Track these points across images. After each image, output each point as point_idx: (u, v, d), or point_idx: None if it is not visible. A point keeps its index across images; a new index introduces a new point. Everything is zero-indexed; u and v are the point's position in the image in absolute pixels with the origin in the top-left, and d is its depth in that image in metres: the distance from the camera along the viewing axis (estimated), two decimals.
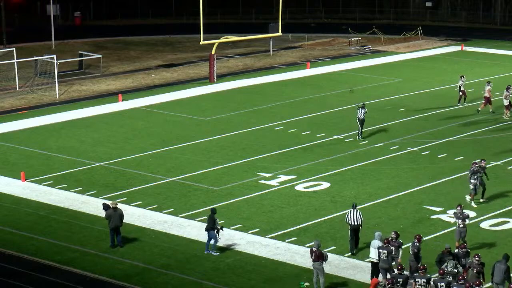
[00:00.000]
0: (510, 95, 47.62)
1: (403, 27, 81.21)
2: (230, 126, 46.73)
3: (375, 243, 27.33)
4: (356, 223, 29.66)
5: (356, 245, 29.87)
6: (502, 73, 60.17)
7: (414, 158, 40.80)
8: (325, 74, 61.66)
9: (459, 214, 29.56)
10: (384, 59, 67.60)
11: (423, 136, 44.34)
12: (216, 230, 29.59)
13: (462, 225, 29.49)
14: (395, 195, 35.72)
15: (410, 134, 44.69)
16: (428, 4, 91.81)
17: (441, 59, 67.79)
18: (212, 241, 29.69)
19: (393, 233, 27.50)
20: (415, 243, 26.96)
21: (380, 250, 26.78)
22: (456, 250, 26.83)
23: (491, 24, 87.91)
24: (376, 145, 42.70)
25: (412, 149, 42.00)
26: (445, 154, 41.14)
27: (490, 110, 48.72)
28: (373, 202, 34.74)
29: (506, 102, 47.72)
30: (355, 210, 29.84)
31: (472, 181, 34.09)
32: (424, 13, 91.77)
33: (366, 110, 43.74)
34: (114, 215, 30.02)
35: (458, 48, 72.07)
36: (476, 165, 34.30)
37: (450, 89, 55.66)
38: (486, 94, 48.87)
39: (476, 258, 25.48)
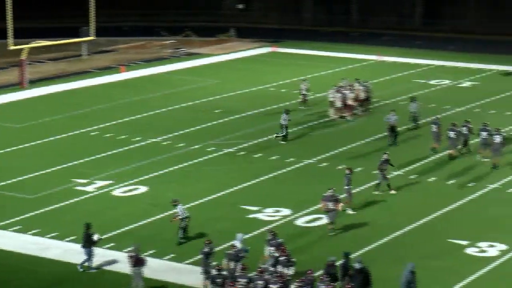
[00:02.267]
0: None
1: (217, 29, 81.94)
2: (44, 132, 45.59)
3: (237, 244, 27.46)
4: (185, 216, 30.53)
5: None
6: (313, 73, 61.75)
7: (231, 159, 41.18)
8: (140, 77, 61.27)
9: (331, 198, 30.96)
10: (199, 61, 67.93)
11: (240, 137, 44.83)
12: (91, 245, 28.64)
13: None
14: (214, 196, 35.93)
15: (227, 135, 45.08)
16: (240, 6, 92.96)
17: (255, 60, 68.85)
18: (87, 259, 28.70)
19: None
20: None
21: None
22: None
23: (302, 25, 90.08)
24: (193, 147, 42.80)
25: (228, 150, 42.39)
26: (260, 154, 41.76)
27: (303, 107, 49.92)
28: (192, 204, 34.77)
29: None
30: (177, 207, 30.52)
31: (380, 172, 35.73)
32: (236, 15, 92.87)
33: (289, 115, 44.09)
34: None
35: (270, 49, 73.42)
36: (386, 156, 35.70)
37: (264, 89, 56.61)
38: (304, 92, 50.10)
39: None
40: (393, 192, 35.90)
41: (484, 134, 40.29)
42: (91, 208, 34.34)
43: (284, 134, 43.74)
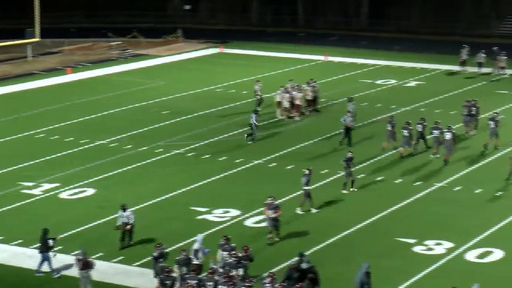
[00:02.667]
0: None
1: (164, 30, 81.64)
2: None
3: (196, 245, 27.31)
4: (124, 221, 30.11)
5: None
6: (261, 74, 61.83)
7: (180, 160, 41.08)
8: (87, 79, 60.82)
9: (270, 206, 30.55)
10: (146, 62, 67.62)
11: (188, 138, 44.73)
12: (48, 250, 28.23)
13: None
14: (163, 198, 35.81)
15: (175, 136, 44.96)
16: (187, 7, 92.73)
17: (202, 61, 68.73)
18: (45, 263, 28.30)
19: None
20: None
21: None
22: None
23: (248, 25, 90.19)
24: (142, 149, 42.60)
25: (177, 151, 42.27)
26: (209, 155, 41.72)
27: (259, 108, 50.01)
28: (141, 205, 34.62)
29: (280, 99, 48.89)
30: (125, 212, 30.10)
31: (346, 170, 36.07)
32: (183, 16, 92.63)
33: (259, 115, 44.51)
34: None
35: (218, 50, 73.39)
36: (350, 154, 36.14)
37: (213, 90, 56.57)
38: (259, 93, 50.21)
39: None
40: (348, 191, 36.13)
41: (436, 132, 40.93)
42: (38, 211, 34.01)
43: (253, 134, 43.90)
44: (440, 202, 35.38)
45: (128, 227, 30.27)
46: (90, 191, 36.47)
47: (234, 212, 34.00)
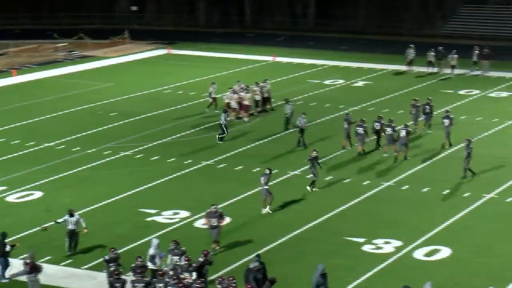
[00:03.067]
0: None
1: (111, 31, 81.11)
2: None
3: (151, 251, 26.95)
4: (72, 227, 29.63)
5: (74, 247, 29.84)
6: (210, 75, 61.75)
7: (128, 162, 40.84)
8: (33, 81, 60.20)
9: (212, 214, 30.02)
10: (93, 64, 67.12)
11: (136, 140, 44.49)
12: (4, 255, 27.74)
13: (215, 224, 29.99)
14: (112, 200, 35.56)
15: (123, 138, 44.68)
16: (134, 8, 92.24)
17: (150, 62, 68.43)
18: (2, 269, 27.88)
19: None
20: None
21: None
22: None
23: (196, 26, 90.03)
24: (90, 151, 42.26)
25: (125, 153, 42.02)
26: (158, 157, 41.54)
27: (207, 110, 49.89)
28: (90, 208, 34.35)
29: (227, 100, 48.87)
30: (73, 217, 29.66)
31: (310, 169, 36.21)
32: (130, 17, 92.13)
33: (228, 114, 44.73)
34: None
35: (165, 51, 73.12)
36: (315, 153, 36.17)
37: (160, 91, 56.35)
38: (214, 95, 50.10)
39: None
40: (314, 190, 36.32)
41: (389, 130, 41.32)
42: None
43: (225, 134, 43.96)
44: (388, 201, 35.64)
45: (85, 230, 29.78)
46: (38, 194, 36.08)
47: (183, 214, 33.90)
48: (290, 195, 36.08)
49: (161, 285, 24.77)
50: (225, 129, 43.99)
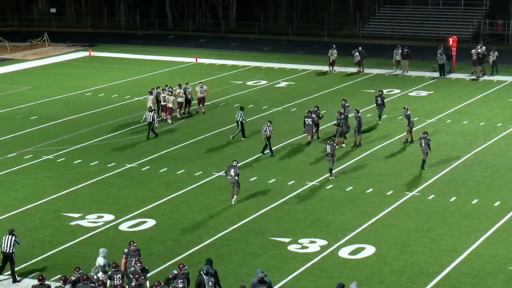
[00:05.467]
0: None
1: (29, 34, 79.88)
2: None
3: (99, 260, 26.06)
4: (8, 250, 27.52)
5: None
6: (131, 77, 61.34)
7: (50, 165, 40.23)
8: None
9: None
10: (11, 67, 66.02)
11: (58, 143, 43.88)
12: None
13: None
14: (32, 205, 34.95)
15: (44, 142, 44.01)
16: (53, 10, 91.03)
17: (70, 65, 67.61)
18: None
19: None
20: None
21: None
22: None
23: (116, 29, 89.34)
24: (9, 155, 41.52)
25: (46, 157, 41.39)
26: (80, 160, 41.01)
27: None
28: (9, 214, 33.70)
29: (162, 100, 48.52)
30: (10, 236, 27.68)
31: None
32: (49, 20, 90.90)
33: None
34: None
35: (86, 53, 72.33)
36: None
37: (81, 94, 55.72)
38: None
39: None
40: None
41: (309, 121, 42.87)
42: None
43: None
44: (312, 200, 35.80)
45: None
46: None
47: (107, 217, 33.52)
48: (213, 196, 35.98)
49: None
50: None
